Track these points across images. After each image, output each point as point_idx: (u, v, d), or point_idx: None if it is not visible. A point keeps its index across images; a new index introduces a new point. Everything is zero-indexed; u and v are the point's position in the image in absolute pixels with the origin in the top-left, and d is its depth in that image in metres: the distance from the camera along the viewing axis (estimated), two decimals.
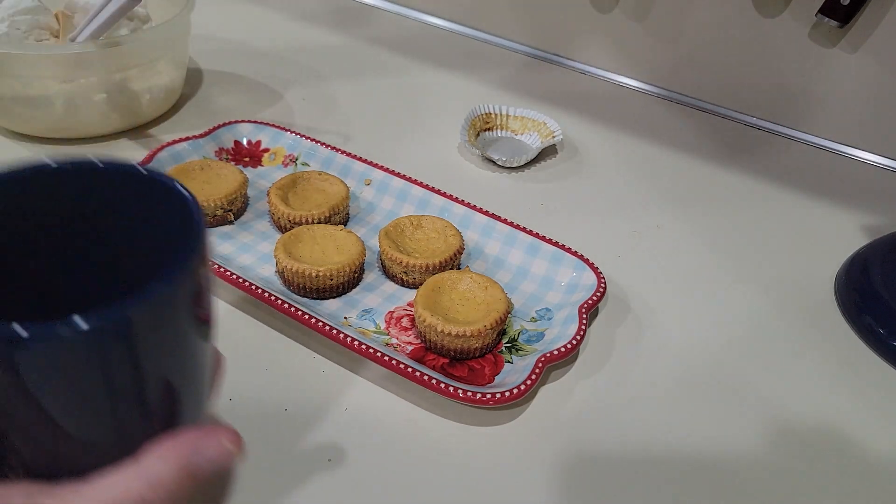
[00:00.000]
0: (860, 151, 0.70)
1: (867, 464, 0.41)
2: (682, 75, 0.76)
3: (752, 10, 0.70)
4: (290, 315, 0.43)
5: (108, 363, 0.21)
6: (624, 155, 0.68)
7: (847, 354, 0.49)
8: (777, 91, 0.72)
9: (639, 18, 0.76)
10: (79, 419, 0.22)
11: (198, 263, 0.22)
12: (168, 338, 0.22)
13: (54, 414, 0.22)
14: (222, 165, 0.55)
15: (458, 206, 0.54)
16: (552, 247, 0.51)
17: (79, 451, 0.23)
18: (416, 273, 0.48)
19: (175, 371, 0.23)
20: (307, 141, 0.60)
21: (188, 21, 0.64)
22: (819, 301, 0.53)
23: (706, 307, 0.51)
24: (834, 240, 0.58)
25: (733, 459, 0.41)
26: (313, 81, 0.75)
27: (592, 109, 0.74)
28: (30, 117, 0.59)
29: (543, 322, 0.47)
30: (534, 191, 0.62)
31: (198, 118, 0.66)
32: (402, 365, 0.41)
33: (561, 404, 0.43)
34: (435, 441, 0.40)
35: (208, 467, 0.23)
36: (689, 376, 0.46)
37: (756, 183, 0.65)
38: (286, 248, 0.48)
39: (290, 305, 0.44)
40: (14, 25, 0.59)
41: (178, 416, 0.24)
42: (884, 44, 0.65)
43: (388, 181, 0.57)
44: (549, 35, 0.83)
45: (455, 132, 0.67)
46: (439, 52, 0.82)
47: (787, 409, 0.44)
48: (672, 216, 0.60)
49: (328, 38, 0.84)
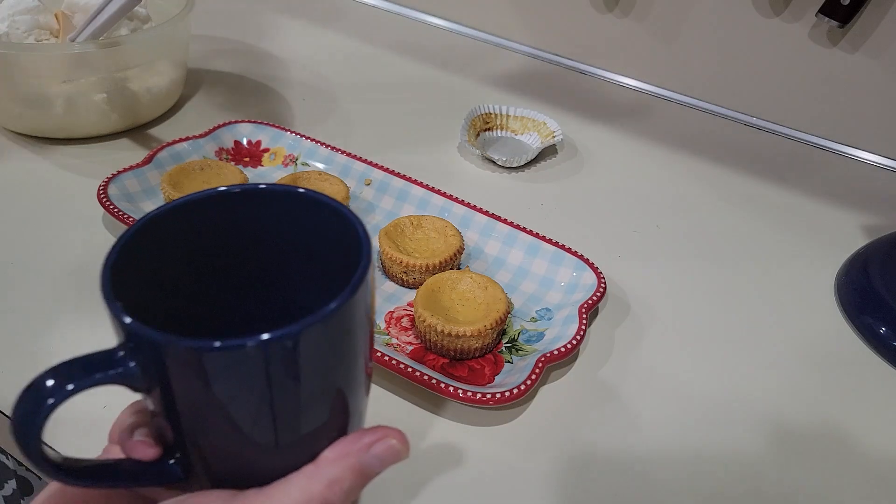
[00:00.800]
0: (860, 151, 0.70)
1: (867, 464, 0.41)
2: (682, 75, 0.76)
3: (751, 10, 0.70)
4: None
5: (289, 373, 0.23)
6: (624, 155, 0.68)
7: (847, 354, 0.49)
8: (777, 91, 0.72)
9: (639, 18, 0.76)
10: (263, 425, 0.24)
11: (364, 283, 0.24)
12: (340, 350, 0.24)
13: (241, 422, 0.23)
14: (222, 165, 0.55)
15: (458, 206, 0.54)
16: (552, 247, 0.51)
17: (264, 457, 0.25)
18: (416, 273, 0.48)
19: (346, 378, 0.25)
20: (307, 141, 0.60)
21: (188, 21, 0.64)
22: (819, 301, 0.53)
23: (706, 307, 0.51)
24: (834, 240, 0.58)
25: (733, 459, 0.41)
26: (313, 81, 0.75)
27: (592, 109, 0.74)
28: (30, 117, 0.59)
29: (543, 322, 0.47)
30: (534, 191, 0.62)
31: (198, 118, 0.66)
32: (402, 365, 0.41)
33: (561, 404, 0.43)
34: (435, 441, 0.40)
35: (379, 465, 0.25)
36: (688, 376, 0.46)
37: (756, 182, 0.65)
38: None
39: None
40: (14, 25, 0.59)
41: (348, 419, 0.26)
42: (884, 44, 0.65)
43: (388, 181, 0.57)
44: (549, 35, 0.83)
45: (455, 132, 0.67)
46: (439, 52, 0.82)
47: (787, 409, 0.44)
48: (672, 216, 0.60)
49: (328, 38, 0.84)
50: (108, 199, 0.50)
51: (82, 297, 0.47)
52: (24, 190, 0.55)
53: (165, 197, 0.52)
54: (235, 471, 0.25)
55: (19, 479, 0.52)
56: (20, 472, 0.51)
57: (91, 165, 0.59)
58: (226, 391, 0.22)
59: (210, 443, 0.24)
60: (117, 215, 0.49)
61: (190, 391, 0.23)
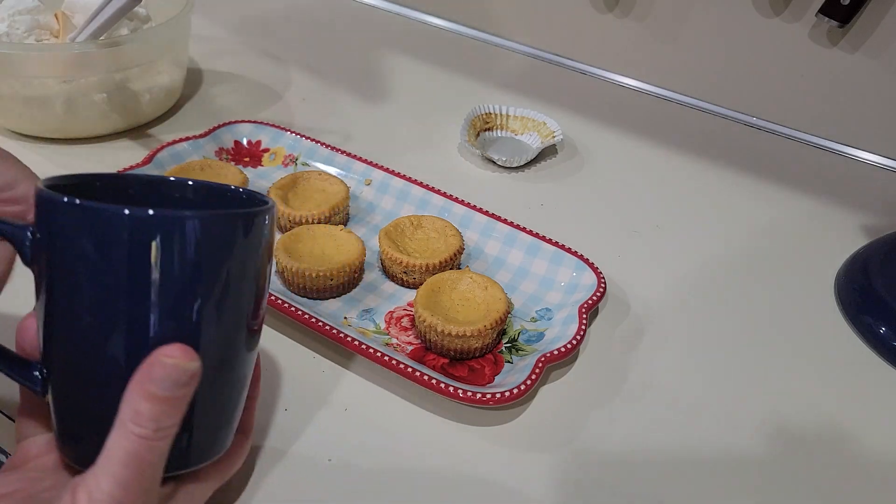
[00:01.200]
0: (860, 151, 0.70)
1: (867, 463, 0.41)
2: (682, 75, 0.76)
3: (752, 10, 0.70)
4: (290, 315, 0.43)
5: (145, 261, 0.26)
6: (624, 155, 0.68)
7: (847, 354, 0.49)
8: (777, 91, 0.72)
9: (639, 18, 0.76)
10: (116, 321, 0.27)
11: (243, 222, 0.28)
12: (204, 266, 0.27)
13: (99, 308, 0.27)
14: (222, 165, 0.55)
15: (458, 206, 0.54)
16: (552, 247, 0.51)
17: (108, 370, 0.27)
18: (416, 273, 0.48)
19: (205, 301, 0.28)
20: (307, 141, 0.60)
21: (188, 21, 0.64)
22: (819, 301, 0.53)
23: (706, 307, 0.51)
24: (834, 240, 0.58)
25: (733, 459, 0.41)
26: (313, 81, 0.75)
27: (592, 109, 0.74)
28: (30, 117, 0.59)
29: (543, 322, 0.47)
30: (534, 191, 0.62)
31: (198, 118, 0.66)
32: (402, 365, 0.41)
33: (561, 404, 0.43)
34: (435, 441, 0.40)
35: (166, 385, 0.26)
36: (688, 376, 0.46)
37: (756, 183, 0.65)
38: (286, 248, 0.48)
39: (290, 305, 0.44)
40: (14, 25, 0.59)
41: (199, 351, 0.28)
42: (884, 44, 0.65)
43: (388, 181, 0.57)
44: (549, 35, 0.82)
45: (455, 132, 0.67)
46: (439, 52, 0.82)
47: (787, 409, 0.44)
48: (672, 216, 0.60)
49: (328, 38, 0.84)
50: None
51: None
52: None
53: None
54: (82, 386, 0.28)
55: None
56: None
57: (91, 165, 0.59)
58: (91, 260, 0.26)
59: (63, 347, 0.28)
60: None
61: (64, 257, 0.27)
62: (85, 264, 0.26)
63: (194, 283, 0.27)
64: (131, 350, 0.27)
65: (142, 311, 0.26)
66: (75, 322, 0.27)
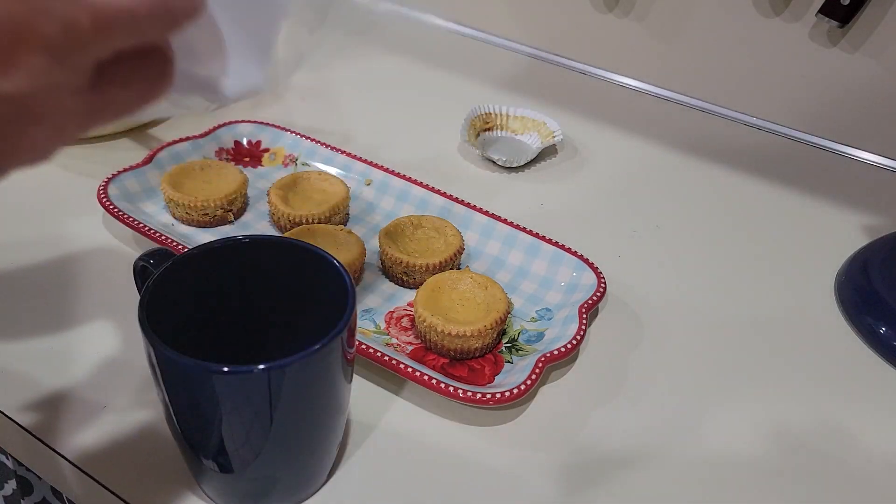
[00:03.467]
0: (860, 151, 0.70)
1: (867, 464, 0.41)
2: (682, 75, 0.76)
3: (752, 10, 0.70)
4: None
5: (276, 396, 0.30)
6: (624, 155, 0.68)
7: (847, 354, 0.49)
8: (777, 91, 0.72)
9: (639, 18, 0.76)
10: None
11: (349, 326, 0.31)
12: (322, 378, 0.32)
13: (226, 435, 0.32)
14: (222, 165, 0.55)
15: (458, 206, 0.54)
16: (552, 247, 0.51)
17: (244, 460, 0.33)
18: (417, 273, 0.48)
19: (325, 400, 0.34)
20: (307, 141, 0.60)
21: None
22: (819, 301, 0.53)
23: (706, 307, 0.51)
24: (834, 240, 0.58)
25: (733, 459, 0.41)
26: (313, 81, 0.75)
27: (592, 109, 0.74)
28: None
29: (543, 322, 0.47)
30: (534, 191, 0.62)
31: (198, 118, 0.66)
32: (402, 365, 0.41)
33: (561, 404, 0.43)
34: (435, 441, 0.40)
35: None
36: (688, 376, 0.46)
37: (756, 183, 0.65)
38: None
39: None
40: None
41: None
42: (884, 44, 0.65)
43: (388, 181, 0.57)
44: (549, 35, 0.82)
45: (455, 132, 0.67)
46: (439, 52, 0.82)
47: (787, 409, 0.44)
48: (672, 216, 0.60)
49: (328, 38, 0.84)
50: (108, 199, 0.50)
51: (82, 297, 0.47)
52: (24, 190, 0.55)
53: (165, 197, 0.52)
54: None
55: (19, 479, 0.52)
56: (20, 472, 0.51)
57: (91, 165, 0.59)
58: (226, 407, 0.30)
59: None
60: (117, 215, 0.49)
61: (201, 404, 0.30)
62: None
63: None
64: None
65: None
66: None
